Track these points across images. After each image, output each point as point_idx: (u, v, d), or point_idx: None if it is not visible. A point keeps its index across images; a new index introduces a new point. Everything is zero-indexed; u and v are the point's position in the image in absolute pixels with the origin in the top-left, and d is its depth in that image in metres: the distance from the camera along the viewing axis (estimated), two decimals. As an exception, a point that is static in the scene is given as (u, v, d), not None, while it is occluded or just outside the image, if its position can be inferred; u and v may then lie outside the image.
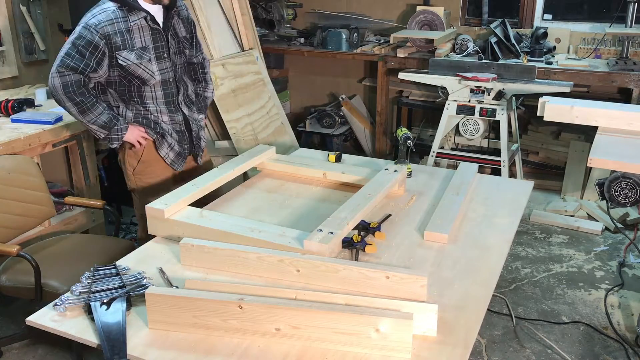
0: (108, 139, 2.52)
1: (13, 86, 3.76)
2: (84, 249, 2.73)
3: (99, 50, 2.35)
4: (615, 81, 4.07)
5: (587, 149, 4.18)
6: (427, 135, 5.02)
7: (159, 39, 2.50)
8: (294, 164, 2.72)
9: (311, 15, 5.45)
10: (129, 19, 2.39)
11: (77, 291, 1.79)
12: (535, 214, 4.14)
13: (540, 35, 4.38)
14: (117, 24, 2.37)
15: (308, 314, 1.59)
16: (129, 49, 2.40)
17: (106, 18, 2.35)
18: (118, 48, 2.38)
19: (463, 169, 2.73)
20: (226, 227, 2.04)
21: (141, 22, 2.42)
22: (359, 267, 1.81)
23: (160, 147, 2.65)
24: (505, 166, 4.14)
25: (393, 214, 2.35)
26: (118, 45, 2.38)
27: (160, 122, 2.61)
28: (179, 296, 1.65)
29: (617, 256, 3.64)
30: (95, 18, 2.35)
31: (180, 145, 2.70)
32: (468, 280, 1.91)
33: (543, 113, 2.83)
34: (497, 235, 2.21)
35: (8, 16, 3.65)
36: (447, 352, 1.58)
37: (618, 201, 2.52)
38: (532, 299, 3.20)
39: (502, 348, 2.81)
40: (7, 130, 3.03)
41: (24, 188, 2.69)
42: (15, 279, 2.48)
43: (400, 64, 4.66)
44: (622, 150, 2.52)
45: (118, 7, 2.38)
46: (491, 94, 4.08)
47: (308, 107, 5.61)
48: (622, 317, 3.05)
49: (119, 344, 1.59)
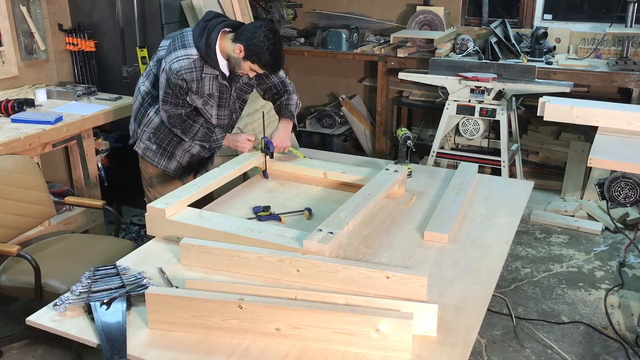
0: (212, 147, 2.81)
1: (13, 86, 3.76)
2: (84, 249, 2.73)
3: (184, 89, 2.62)
4: (615, 81, 4.07)
5: (587, 149, 4.19)
6: (427, 135, 5.02)
7: (225, 91, 2.74)
8: (294, 164, 2.72)
9: (311, 15, 5.45)
10: (204, 71, 2.60)
11: (77, 291, 1.79)
12: (535, 214, 4.14)
13: (540, 35, 4.38)
14: (195, 72, 2.58)
15: (308, 314, 1.59)
16: (199, 95, 2.66)
17: (187, 66, 2.56)
18: (191, 90, 2.63)
19: (463, 169, 2.73)
20: (226, 228, 2.04)
21: (212, 76, 2.64)
22: (358, 267, 1.81)
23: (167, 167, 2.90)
24: (505, 166, 4.14)
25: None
26: (192, 89, 2.63)
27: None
28: (179, 296, 1.65)
29: (617, 256, 3.64)
30: (177, 63, 2.55)
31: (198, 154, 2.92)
32: (468, 280, 1.91)
33: (543, 113, 2.83)
34: (497, 235, 2.21)
35: (8, 16, 3.64)
36: (447, 352, 1.58)
37: (618, 201, 2.52)
38: (532, 299, 3.20)
39: (502, 348, 2.81)
40: (7, 130, 3.03)
41: (24, 188, 2.69)
42: (15, 279, 2.48)
43: (400, 64, 4.66)
44: (622, 150, 2.52)
45: (199, 58, 2.57)
46: (491, 94, 4.08)
47: (308, 107, 5.60)
48: (622, 317, 3.05)
49: (119, 344, 1.59)
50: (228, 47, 2.57)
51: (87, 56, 4.05)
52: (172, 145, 2.84)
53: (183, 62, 2.54)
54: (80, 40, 3.99)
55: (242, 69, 2.60)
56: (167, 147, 2.84)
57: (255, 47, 2.49)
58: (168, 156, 2.86)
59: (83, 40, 3.99)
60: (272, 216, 2.28)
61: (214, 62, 2.58)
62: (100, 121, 3.48)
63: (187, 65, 2.55)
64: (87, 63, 4.06)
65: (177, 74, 2.54)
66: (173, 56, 2.57)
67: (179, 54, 2.56)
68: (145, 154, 2.87)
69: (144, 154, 2.88)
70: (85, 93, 3.68)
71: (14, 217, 2.64)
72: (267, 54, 2.51)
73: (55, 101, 3.59)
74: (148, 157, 2.87)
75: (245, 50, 2.52)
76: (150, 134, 2.82)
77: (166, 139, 2.82)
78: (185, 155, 2.88)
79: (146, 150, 2.86)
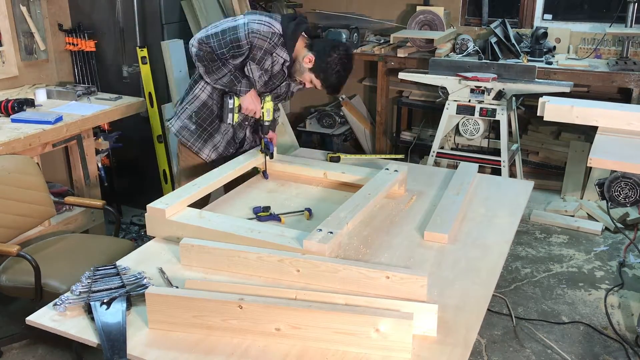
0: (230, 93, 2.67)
1: (13, 86, 3.76)
2: (84, 249, 2.73)
3: (241, 49, 2.52)
4: (615, 81, 4.07)
5: (587, 149, 4.19)
6: (427, 135, 5.02)
7: (280, 77, 2.70)
8: (294, 164, 2.73)
9: (311, 15, 5.44)
10: (277, 49, 2.55)
11: (77, 291, 1.79)
12: (535, 214, 4.14)
13: (540, 35, 4.38)
14: (267, 43, 2.52)
15: (308, 314, 1.59)
16: (260, 66, 2.59)
17: (265, 33, 2.50)
18: (253, 59, 2.57)
19: (463, 169, 2.73)
20: (226, 228, 2.04)
21: (280, 59, 2.60)
22: (359, 267, 1.81)
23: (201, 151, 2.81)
24: (505, 166, 4.14)
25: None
26: (255, 58, 2.56)
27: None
28: (179, 296, 1.65)
29: (617, 256, 3.64)
30: (258, 25, 2.50)
31: (226, 149, 2.85)
32: (468, 280, 1.91)
33: (543, 113, 2.83)
34: (497, 235, 2.21)
35: (8, 16, 3.64)
36: (447, 352, 1.58)
37: (618, 201, 2.52)
38: (532, 299, 3.20)
39: (502, 348, 2.81)
40: (7, 130, 3.03)
41: (24, 188, 2.69)
42: (15, 279, 2.48)
43: (400, 64, 4.66)
44: (622, 150, 2.52)
45: (280, 35, 2.53)
46: (491, 94, 4.08)
47: (308, 107, 5.60)
48: (622, 317, 3.05)
49: (119, 343, 1.59)
50: (300, 51, 2.57)
51: (87, 56, 4.05)
52: (213, 127, 2.76)
53: (264, 28, 2.49)
54: (80, 40, 3.99)
55: (304, 77, 2.61)
56: (207, 128, 2.76)
57: (326, 65, 2.52)
58: (205, 138, 2.77)
59: (83, 40, 3.99)
60: (272, 216, 2.28)
61: (290, 48, 2.54)
62: (100, 121, 3.48)
63: (266, 32, 2.49)
64: (87, 63, 4.06)
65: (251, 34, 2.48)
66: (257, 17, 2.52)
67: (264, 19, 2.53)
68: (180, 134, 2.78)
69: (178, 132, 2.78)
70: (85, 93, 3.68)
71: (14, 217, 2.64)
72: (335, 76, 2.53)
73: (55, 101, 3.59)
74: (183, 136, 2.77)
75: (315, 63, 2.53)
76: (192, 112, 2.74)
77: (208, 119, 2.74)
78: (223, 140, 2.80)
79: (182, 129, 2.77)
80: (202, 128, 2.76)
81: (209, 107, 2.73)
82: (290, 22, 2.55)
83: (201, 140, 2.78)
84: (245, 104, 2.66)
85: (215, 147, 2.81)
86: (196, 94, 2.73)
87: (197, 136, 2.77)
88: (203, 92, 2.72)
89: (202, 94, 2.72)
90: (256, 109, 2.68)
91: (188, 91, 2.78)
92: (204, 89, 2.71)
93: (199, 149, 2.79)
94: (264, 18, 2.54)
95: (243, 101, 2.66)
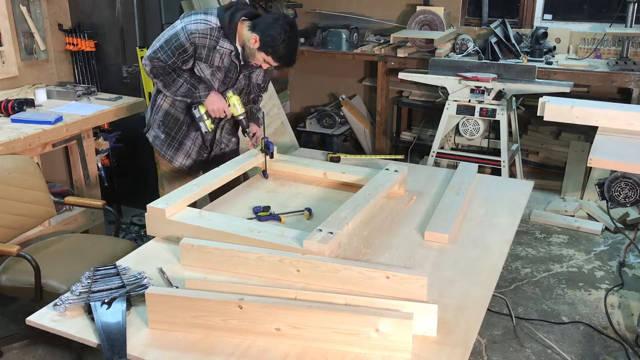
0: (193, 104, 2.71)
1: (13, 86, 3.76)
2: (84, 249, 2.73)
3: (187, 53, 2.57)
4: (615, 81, 4.07)
5: (587, 149, 4.18)
6: (427, 135, 5.02)
7: (233, 70, 2.70)
8: (294, 164, 2.72)
9: (311, 15, 5.45)
10: (219, 43, 2.58)
11: (77, 291, 1.79)
12: (535, 214, 4.14)
13: (540, 35, 4.38)
14: (209, 39, 2.55)
15: (308, 314, 1.59)
16: (208, 64, 2.62)
17: (203, 31, 2.53)
18: (200, 59, 2.60)
19: (463, 169, 2.73)
20: (226, 228, 2.04)
21: (226, 51, 2.61)
22: (359, 267, 1.81)
23: (174, 159, 2.85)
24: (505, 166, 4.14)
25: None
26: (201, 57, 2.59)
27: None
28: (179, 296, 1.65)
29: (617, 256, 3.64)
30: (194, 25, 2.54)
31: (199, 154, 2.88)
32: (468, 280, 1.91)
33: (543, 113, 2.83)
34: (497, 235, 2.21)
35: (8, 16, 3.64)
36: (447, 352, 1.58)
37: (618, 201, 2.52)
38: (532, 299, 3.20)
39: (502, 348, 2.81)
40: (7, 130, 3.03)
41: (24, 188, 2.69)
42: (15, 279, 2.48)
43: (400, 64, 4.66)
44: (622, 150, 2.52)
45: (218, 28, 2.55)
46: (491, 94, 4.08)
47: (308, 107, 5.61)
48: (622, 317, 3.05)
49: (119, 343, 1.59)
50: (244, 35, 2.58)
51: (87, 56, 4.05)
52: (181, 134, 2.80)
53: (200, 26, 2.53)
54: (80, 40, 3.99)
55: (256, 59, 2.60)
56: (175, 136, 2.81)
57: (272, 39, 2.50)
58: (176, 147, 2.83)
59: (83, 40, 3.99)
60: (272, 216, 2.28)
61: (232, 37, 2.56)
62: (100, 121, 3.48)
63: (204, 30, 2.53)
64: (87, 63, 4.06)
65: (190, 36, 2.52)
66: (192, 18, 2.56)
67: (199, 17, 2.56)
68: (154, 143, 2.86)
69: (153, 142, 2.87)
70: (85, 93, 3.68)
71: (14, 217, 2.64)
72: (283, 47, 2.52)
73: (55, 101, 3.59)
74: (157, 146, 2.86)
75: (260, 41, 2.53)
76: (159, 122, 2.80)
77: (174, 127, 2.79)
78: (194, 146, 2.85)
79: (155, 138, 2.85)
80: (170, 136, 2.82)
81: (172, 115, 2.78)
82: (226, 12, 2.57)
83: (172, 148, 2.84)
84: (210, 106, 2.69)
85: (187, 155, 2.86)
86: (159, 103, 2.80)
87: (167, 144, 2.84)
88: (164, 102, 2.77)
89: (164, 103, 2.78)
90: (223, 107, 2.70)
91: (154, 101, 2.83)
92: (165, 99, 2.77)
93: (171, 157, 2.86)
94: (199, 17, 2.57)
95: (207, 105, 2.68)
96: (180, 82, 2.63)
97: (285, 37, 2.50)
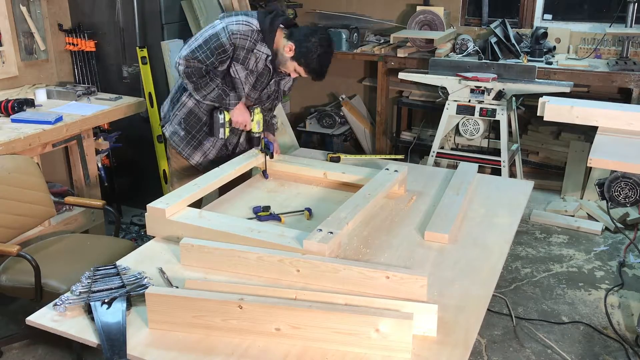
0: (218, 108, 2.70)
1: (13, 86, 3.76)
2: (84, 249, 2.73)
3: (227, 53, 2.56)
4: (615, 81, 4.07)
5: (587, 149, 4.18)
6: (427, 135, 5.02)
7: (266, 75, 2.70)
8: (294, 164, 2.73)
9: (311, 15, 5.45)
10: (257, 46, 2.58)
11: (77, 291, 1.79)
12: (535, 214, 4.14)
13: (540, 35, 4.38)
14: (249, 42, 2.56)
15: (308, 314, 1.59)
16: (244, 66, 2.62)
17: (245, 32, 2.54)
18: (237, 60, 2.59)
19: (463, 169, 2.73)
20: (226, 228, 2.04)
21: (263, 55, 2.61)
22: (359, 267, 1.81)
23: (191, 157, 2.82)
24: (505, 166, 4.14)
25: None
26: (238, 58, 2.59)
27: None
28: (179, 296, 1.65)
29: (617, 256, 3.64)
30: (237, 26, 2.54)
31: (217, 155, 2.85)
32: (468, 280, 1.91)
33: (543, 113, 2.83)
34: (497, 235, 2.21)
35: (8, 16, 3.64)
36: (447, 352, 1.58)
37: (618, 201, 2.52)
38: (532, 299, 3.20)
39: (502, 348, 2.81)
40: (7, 130, 3.03)
41: (24, 188, 2.69)
42: (15, 279, 2.48)
43: (400, 64, 4.66)
44: (622, 150, 2.52)
45: (258, 31, 2.57)
46: (491, 94, 4.08)
47: (308, 107, 5.61)
48: (622, 317, 3.05)
49: (119, 343, 1.59)
50: (280, 42, 2.58)
51: (87, 56, 4.05)
52: (202, 134, 2.78)
53: (242, 27, 2.54)
54: (80, 40, 3.99)
55: (287, 67, 2.61)
56: (196, 135, 2.78)
57: (307, 50, 2.52)
58: (195, 145, 2.80)
59: (83, 40, 3.99)
60: (272, 216, 2.28)
61: (270, 42, 2.57)
62: (100, 121, 3.48)
63: (245, 31, 2.53)
64: (87, 63, 4.06)
65: (232, 36, 2.51)
66: (234, 19, 2.56)
67: (241, 18, 2.56)
68: (171, 138, 2.83)
69: (170, 138, 2.83)
70: (85, 93, 3.68)
71: (14, 217, 2.64)
72: (317, 61, 2.54)
73: (55, 101, 3.59)
74: (174, 142, 2.82)
75: (295, 51, 2.54)
76: (181, 119, 2.77)
77: (196, 126, 2.77)
78: (213, 149, 2.83)
79: (173, 134, 2.82)
80: (190, 135, 2.79)
81: (195, 114, 2.75)
82: (267, 16, 2.57)
83: (190, 147, 2.81)
84: (235, 117, 2.69)
85: (205, 155, 2.84)
86: (183, 101, 2.76)
87: (186, 142, 2.81)
88: (190, 100, 2.74)
89: (189, 101, 2.74)
90: (246, 122, 2.71)
91: (178, 97, 2.79)
92: (190, 97, 2.73)
93: (188, 155, 2.83)
94: (240, 18, 2.57)
95: (232, 115, 2.69)
96: (212, 87, 2.60)
97: (321, 51, 2.53)
